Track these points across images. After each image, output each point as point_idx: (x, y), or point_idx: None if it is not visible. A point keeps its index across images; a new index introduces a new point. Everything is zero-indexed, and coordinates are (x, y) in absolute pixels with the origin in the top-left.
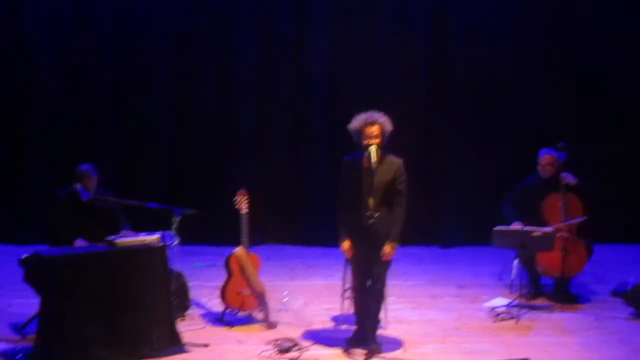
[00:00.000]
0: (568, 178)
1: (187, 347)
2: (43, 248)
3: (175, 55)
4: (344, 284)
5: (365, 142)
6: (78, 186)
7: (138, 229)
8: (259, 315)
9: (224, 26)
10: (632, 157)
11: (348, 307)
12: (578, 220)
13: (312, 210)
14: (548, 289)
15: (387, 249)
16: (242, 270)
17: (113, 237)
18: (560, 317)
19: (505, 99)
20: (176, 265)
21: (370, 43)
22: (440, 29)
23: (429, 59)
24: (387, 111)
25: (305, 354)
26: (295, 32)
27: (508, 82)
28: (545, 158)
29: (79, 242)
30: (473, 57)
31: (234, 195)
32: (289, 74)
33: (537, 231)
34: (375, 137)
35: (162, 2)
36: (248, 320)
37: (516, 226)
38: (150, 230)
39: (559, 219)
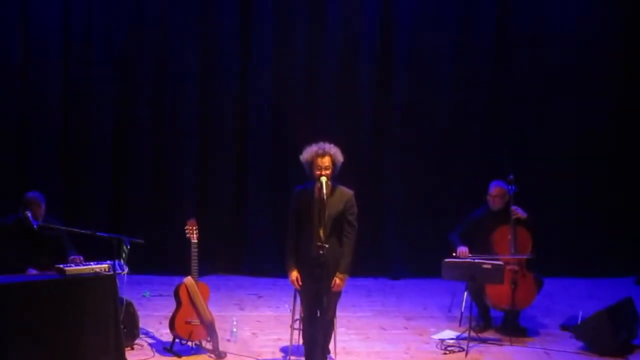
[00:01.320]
0: (518, 212)
1: None
2: None
3: (113, 81)
4: (293, 315)
5: (317, 173)
6: (28, 213)
7: (86, 257)
8: (207, 345)
9: (164, 53)
10: (584, 194)
11: (297, 338)
12: (525, 257)
13: (259, 240)
14: (497, 322)
15: (337, 280)
16: (191, 300)
17: (63, 265)
18: (510, 350)
19: (453, 131)
20: (125, 294)
21: (314, 73)
22: (383, 58)
23: (371, 91)
24: (331, 141)
25: None
26: (240, 62)
27: (456, 113)
28: (496, 190)
29: (31, 271)
30: (420, 82)
31: (181, 224)
32: (231, 104)
33: (487, 264)
34: (326, 168)
35: (101, 24)
36: (197, 350)
37: (461, 250)
38: (98, 259)
39: (508, 251)
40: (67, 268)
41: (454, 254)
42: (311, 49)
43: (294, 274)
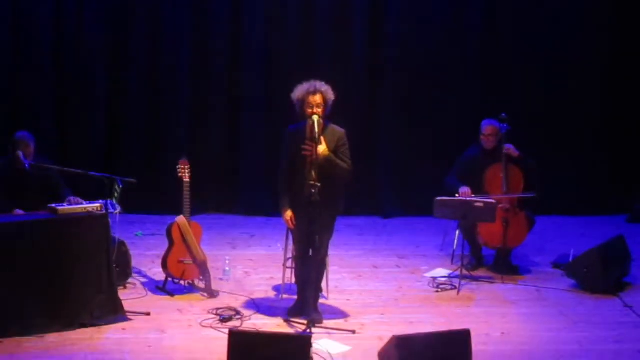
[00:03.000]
0: (510, 149)
1: (128, 316)
2: None
3: (109, 21)
4: (285, 254)
5: (308, 111)
6: (20, 153)
7: (78, 197)
8: (200, 284)
9: None
10: (573, 129)
11: (289, 277)
12: (526, 195)
13: (252, 179)
14: (489, 260)
15: (320, 149)
16: (184, 239)
17: (55, 204)
18: (501, 289)
19: (443, 67)
20: (118, 234)
21: (307, 10)
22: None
23: (365, 28)
24: (322, 80)
25: (247, 323)
26: (231, 5)
27: (445, 51)
28: (488, 129)
29: (17, 212)
30: (410, 27)
31: (174, 164)
32: (225, 41)
33: (479, 202)
34: (318, 106)
35: None
36: (189, 289)
37: (464, 191)
38: (91, 198)
39: (500, 190)
40: (59, 208)
41: (456, 196)
42: None
43: (288, 213)
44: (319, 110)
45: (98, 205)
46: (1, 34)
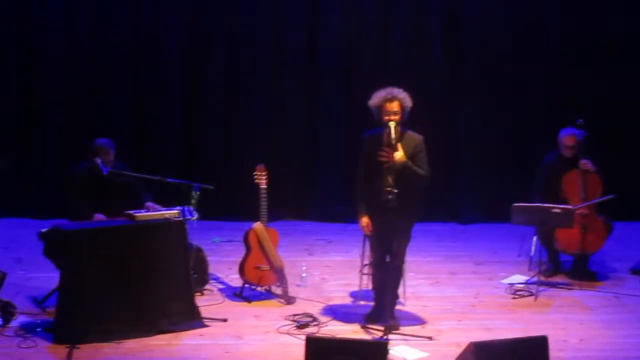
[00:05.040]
0: (588, 165)
1: (205, 322)
2: (62, 222)
3: (187, 27)
4: (362, 260)
5: (385, 118)
6: (98, 160)
7: (156, 203)
8: (277, 290)
9: (235, 5)
10: None
11: (366, 283)
12: (606, 198)
13: (329, 185)
14: (567, 267)
15: (397, 155)
16: (261, 246)
17: (133, 211)
18: (579, 295)
19: (517, 75)
20: (195, 240)
21: (384, 20)
22: (455, 10)
23: (444, 35)
24: (402, 87)
25: (323, 330)
26: (308, 4)
27: (522, 58)
28: (569, 140)
29: (98, 217)
30: (488, 32)
31: (251, 170)
32: (302, 47)
33: (557, 208)
34: (395, 113)
35: None
36: (266, 296)
37: None
38: (168, 205)
39: (578, 196)
40: (136, 214)
41: None
42: None
43: (365, 220)
44: (396, 117)
45: (176, 211)
46: (83, 42)
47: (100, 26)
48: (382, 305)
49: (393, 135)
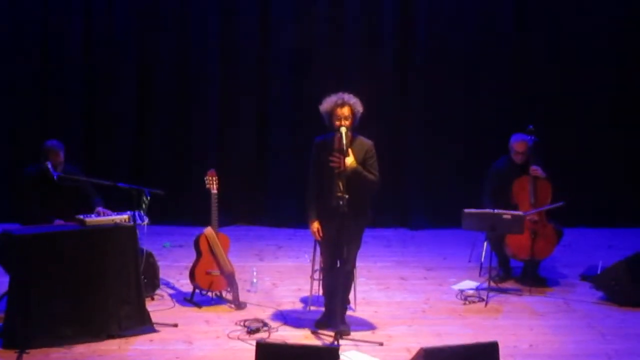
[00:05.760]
0: (538, 171)
1: (155, 327)
2: (14, 227)
3: (138, 32)
4: (313, 266)
5: (336, 123)
6: (48, 164)
7: (107, 208)
8: (227, 295)
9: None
10: (600, 140)
11: (317, 289)
12: (555, 205)
13: (279, 190)
14: (517, 272)
15: (348, 161)
16: (212, 251)
17: (83, 215)
18: (529, 301)
19: (468, 79)
20: (146, 245)
21: (336, 23)
22: (406, 13)
23: (394, 42)
24: (351, 91)
25: (274, 335)
26: (259, 8)
27: (470, 63)
28: (520, 146)
29: (57, 222)
30: (439, 36)
31: (202, 175)
32: (253, 52)
33: (507, 214)
34: (346, 118)
35: None
36: (217, 301)
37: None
38: (119, 209)
39: (528, 201)
40: (87, 219)
41: None
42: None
43: (315, 225)
44: (347, 122)
45: (126, 216)
46: (32, 46)
47: (52, 29)
48: (333, 310)
49: (344, 140)
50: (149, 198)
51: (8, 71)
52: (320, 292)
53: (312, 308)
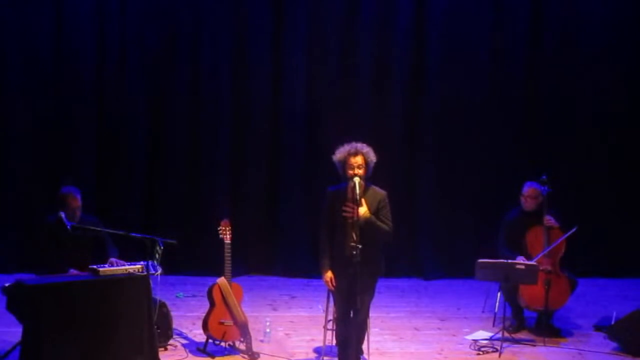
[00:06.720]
0: (551, 221)
1: None
2: (27, 276)
3: (149, 81)
4: (326, 316)
5: (349, 172)
6: (62, 214)
7: (120, 257)
8: (241, 345)
9: (197, 52)
10: (614, 193)
11: (330, 339)
12: (570, 233)
13: (292, 241)
14: (531, 323)
15: (361, 211)
16: (225, 301)
17: (97, 265)
18: (543, 351)
19: (484, 129)
20: (159, 295)
21: (348, 71)
22: (417, 64)
23: (404, 94)
24: (364, 141)
25: None
26: (272, 60)
27: (486, 112)
28: (529, 190)
29: (72, 272)
30: (449, 84)
31: (215, 225)
32: (265, 102)
33: (520, 264)
34: (359, 167)
35: (134, 32)
36: (230, 351)
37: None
38: (132, 259)
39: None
40: (100, 269)
41: None
42: (345, 49)
43: (328, 275)
44: (360, 171)
45: (139, 266)
46: (44, 87)
47: (65, 68)
48: None
49: (357, 190)
50: (162, 248)
51: (23, 119)
52: (334, 342)
53: (326, 359)
